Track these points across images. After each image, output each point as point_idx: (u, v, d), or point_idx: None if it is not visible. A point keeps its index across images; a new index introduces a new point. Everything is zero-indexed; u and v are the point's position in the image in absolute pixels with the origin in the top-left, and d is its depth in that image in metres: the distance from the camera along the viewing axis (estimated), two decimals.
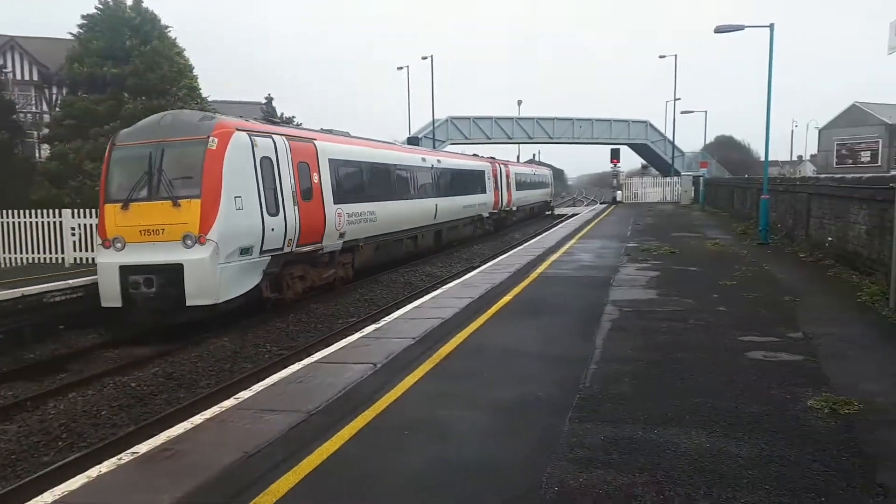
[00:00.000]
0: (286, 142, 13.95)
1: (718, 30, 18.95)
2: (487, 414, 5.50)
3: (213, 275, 11.47)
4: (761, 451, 4.56)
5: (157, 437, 5.24)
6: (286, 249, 13.58)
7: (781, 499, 3.88)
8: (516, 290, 11.49)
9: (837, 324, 8.21)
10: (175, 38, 23.68)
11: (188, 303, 11.52)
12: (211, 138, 11.75)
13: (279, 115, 33.22)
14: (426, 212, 22.40)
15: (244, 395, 6.18)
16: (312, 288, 15.54)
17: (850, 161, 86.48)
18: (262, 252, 12.71)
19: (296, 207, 13.81)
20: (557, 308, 9.79)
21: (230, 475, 4.48)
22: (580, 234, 22.82)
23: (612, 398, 5.74)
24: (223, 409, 5.78)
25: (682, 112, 48.59)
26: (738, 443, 4.70)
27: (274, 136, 13.62)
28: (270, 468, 4.58)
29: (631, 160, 71.42)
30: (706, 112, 52.45)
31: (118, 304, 11.85)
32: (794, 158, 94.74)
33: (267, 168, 12.98)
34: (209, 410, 5.84)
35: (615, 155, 51.46)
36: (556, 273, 13.50)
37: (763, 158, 20.85)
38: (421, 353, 7.42)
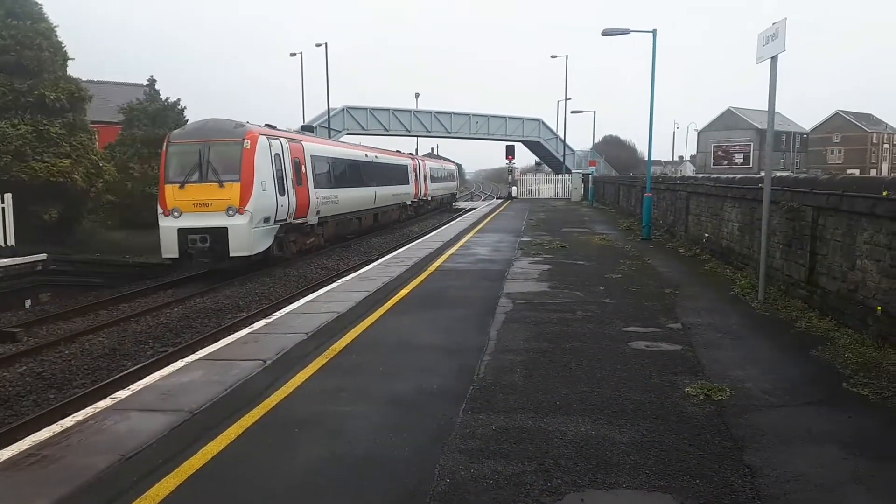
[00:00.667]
0: (287, 142, 18.82)
1: (606, 33, 19.71)
2: (381, 408, 5.45)
3: (249, 235, 16.36)
4: (642, 437, 4.77)
5: (21, 441, 4.84)
6: (287, 221, 18.57)
7: (660, 482, 4.08)
8: (414, 283, 11.50)
9: (712, 315, 8.75)
10: (46, 14, 21.91)
11: (231, 255, 16.34)
12: (245, 140, 16.56)
13: (164, 98, 31.58)
14: (369, 198, 27.85)
15: (122, 394, 5.83)
16: (300, 251, 20.58)
17: (726, 162, 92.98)
18: (275, 222, 17.69)
19: (293, 191, 18.73)
20: (454, 301, 9.87)
21: (104, 480, 4.20)
22: (477, 229, 23.16)
23: (504, 388, 5.84)
24: (97, 410, 5.41)
25: (573, 112, 50.64)
26: (621, 430, 4.90)
27: (280, 138, 18.52)
28: (149, 471, 4.32)
29: (526, 157, 73.53)
30: (595, 112, 54.63)
31: (176, 255, 16.55)
32: (676, 158, 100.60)
33: (277, 162, 17.83)
34: (82, 412, 5.46)
35: (510, 151, 52.63)
36: (454, 266, 13.62)
37: (647, 158, 21.93)
38: (314, 348, 7.26)
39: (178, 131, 18.20)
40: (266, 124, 19.40)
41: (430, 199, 43.42)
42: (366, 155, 28.70)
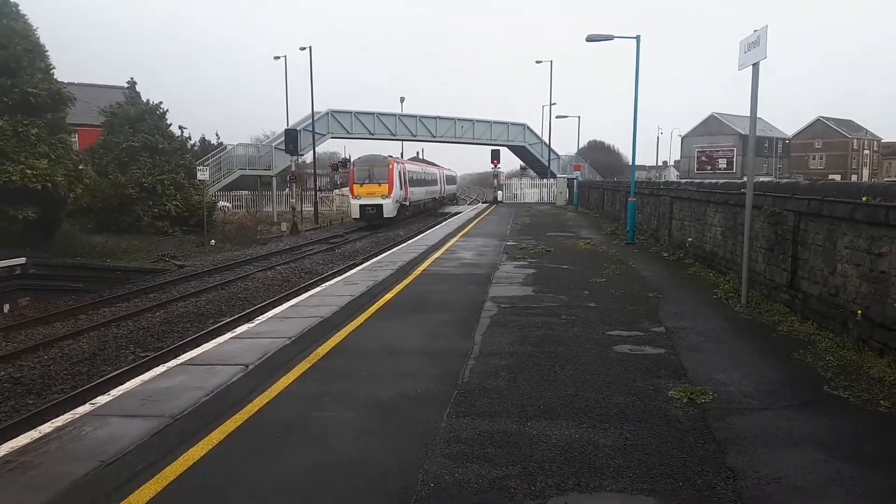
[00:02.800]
0: (401, 164, 38.50)
1: (590, 38, 19.81)
2: (365, 413, 5.42)
3: (391, 208, 35.45)
4: (626, 440, 4.78)
5: None
6: (403, 203, 37.87)
7: (644, 485, 4.09)
8: (399, 286, 11.47)
9: (695, 319, 8.80)
10: (25, 15, 21.67)
11: (384, 216, 35.05)
12: (388, 164, 35.70)
13: (146, 100, 31.43)
14: (424, 192, 46.59)
15: (102, 399, 5.75)
16: (403, 217, 38.34)
17: (709, 167, 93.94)
18: (398, 202, 36.45)
19: (402, 188, 37.32)
20: (439, 305, 9.86)
21: (83, 487, 4.14)
22: (462, 233, 23.17)
23: (488, 392, 5.83)
24: (77, 416, 5.34)
25: (557, 117, 50.54)
26: (605, 433, 4.91)
27: (399, 163, 38.34)
28: (129, 478, 4.26)
29: (511, 161, 73.85)
30: (579, 117, 54.80)
31: (358, 217, 35.48)
32: (660, 163, 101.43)
33: (400, 174, 37.08)
34: (61, 418, 5.39)
35: (495, 156, 52.71)
36: (439, 270, 13.61)
37: (631, 163, 22.06)
38: (298, 353, 7.22)
39: (357, 159, 37.91)
40: (389, 156, 38.18)
41: (445, 196, 57.68)
42: (421, 169, 48.42)
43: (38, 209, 20.70)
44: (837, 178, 76.10)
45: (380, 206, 34.67)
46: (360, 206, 34.79)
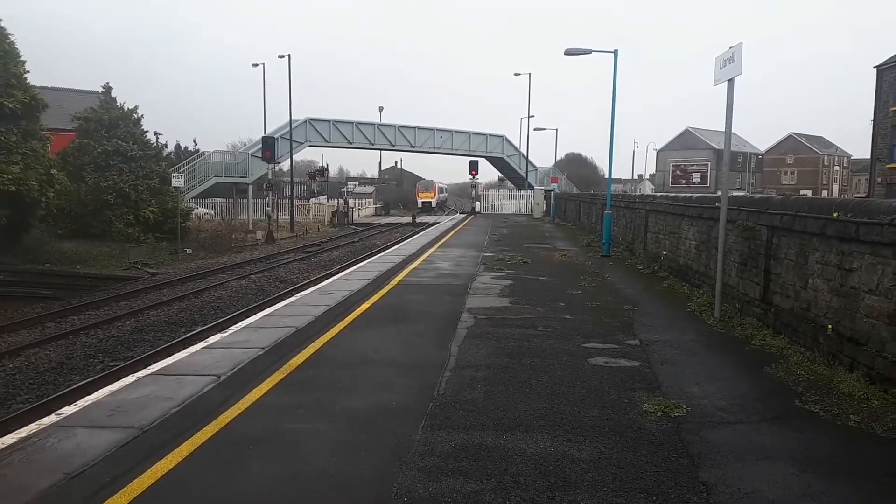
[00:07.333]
0: (441, 184, 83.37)
1: (568, 52, 20.02)
2: (339, 425, 5.35)
3: (441, 203, 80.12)
4: (601, 454, 4.78)
5: None
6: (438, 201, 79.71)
7: (618, 499, 4.08)
8: (375, 297, 11.41)
9: (670, 332, 8.87)
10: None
11: (432, 207, 72.10)
12: (437, 186, 77.62)
13: (120, 104, 31.12)
14: (439, 198, 79.73)
15: (68, 410, 5.61)
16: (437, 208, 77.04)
17: (684, 181, 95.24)
18: (438, 203, 77.49)
19: (438, 195, 78.90)
20: (415, 316, 9.81)
21: (47, 500, 4.02)
22: (440, 243, 23.16)
23: (464, 405, 5.80)
24: (42, 427, 5.20)
25: (535, 129, 51.03)
26: (579, 447, 4.90)
27: (439, 184, 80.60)
28: (95, 490, 4.16)
29: (489, 172, 76.00)
30: (557, 130, 55.33)
31: (420, 208, 67.06)
32: (636, 177, 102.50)
33: (441, 191, 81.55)
34: (25, 429, 5.24)
35: (474, 167, 52.92)
36: (416, 280, 13.57)
37: (607, 176, 22.26)
38: (271, 364, 7.12)
39: (420, 182, 79.20)
40: (433, 180, 77.69)
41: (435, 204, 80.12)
42: (445, 186, 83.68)
43: (9, 213, 20.29)
44: (808, 193, 77.57)
45: (431, 203, 71.27)
46: (422, 202, 70.83)
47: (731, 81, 9.23)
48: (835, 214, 7.03)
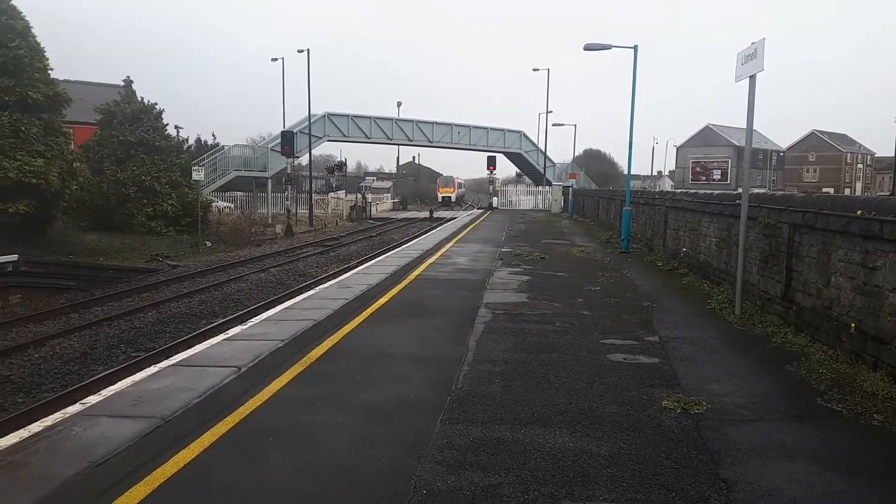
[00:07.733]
0: (460, 180, 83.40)
1: (588, 47, 19.91)
2: (358, 418, 5.39)
3: (460, 198, 76.48)
4: (620, 449, 4.77)
5: None
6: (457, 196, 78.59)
7: (637, 495, 4.08)
8: (393, 291, 11.45)
9: (689, 329, 8.81)
10: (22, 13, 21.61)
11: (451, 202, 71.85)
12: (456, 182, 77.37)
13: (140, 98, 31.39)
14: (458, 193, 77.28)
15: (92, 399, 5.69)
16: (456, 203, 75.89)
17: (704, 178, 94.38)
18: (458, 198, 76.55)
19: (458, 191, 77.19)
20: (433, 310, 9.84)
21: (72, 487, 4.09)
22: (457, 238, 23.17)
23: (482, 399, 5.81)
24: (67, 416, 5.29)
25: (554, 125, 50.71)
26: (598, 442, 4.90)
27: (458, 180, 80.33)
28: (119, 479, 4.23)
29: (507, 168, 76.57)
30: (575, 126, 55.16)
31: (440, 202, 71.82)
32: (655, 173, 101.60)
33: (459, 186, 79.35)
34: (50, 417, 5.33)
35: (491, 162, 52.85)
36: (434, 275, 13.59)
37: (626, 172, 22.12)
38: (291, 356, 7.18)
39: (440, 178, 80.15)
40: (452, 175, 79.88)
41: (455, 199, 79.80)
42: (462, 182, 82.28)
43: (33, 205, 20.62)
44: (831, 191, 76.52)
45: (450, 198, 71.14)
46: (443, 197, 71.87)
47: (752, 77, 9.13)
48: (859, 212, 6.94)
